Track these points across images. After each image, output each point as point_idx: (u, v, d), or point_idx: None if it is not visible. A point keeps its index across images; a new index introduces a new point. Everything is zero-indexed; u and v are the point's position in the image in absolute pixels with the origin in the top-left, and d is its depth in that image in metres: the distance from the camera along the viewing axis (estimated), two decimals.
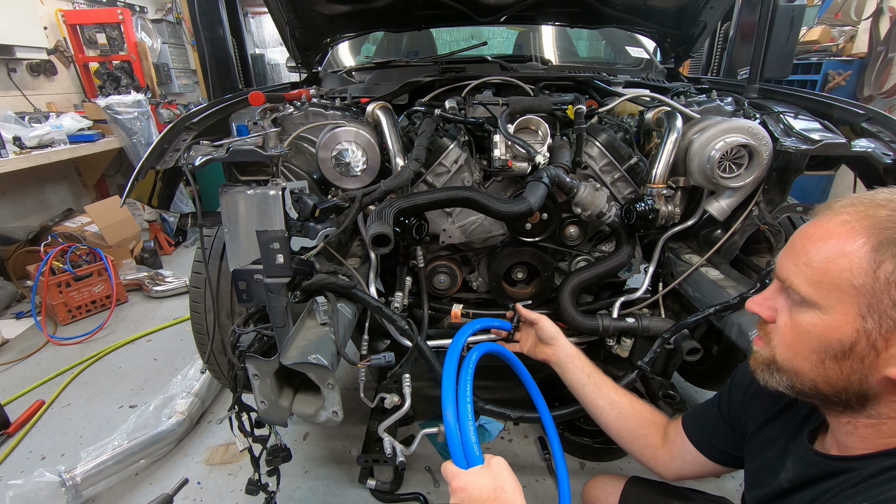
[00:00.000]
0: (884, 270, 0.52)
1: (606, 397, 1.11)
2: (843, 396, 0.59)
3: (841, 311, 0.56)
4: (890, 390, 0.56)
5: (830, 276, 0.56)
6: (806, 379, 0.61)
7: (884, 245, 0.52)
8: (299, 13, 2.01)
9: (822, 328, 0.57)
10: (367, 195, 1.25)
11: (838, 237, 0.56)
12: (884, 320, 0.53)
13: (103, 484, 1.73)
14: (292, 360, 1.06)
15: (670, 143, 1.34)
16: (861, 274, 0.53)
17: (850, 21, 3.93)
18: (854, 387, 0.57)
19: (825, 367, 0.58)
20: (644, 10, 2.08)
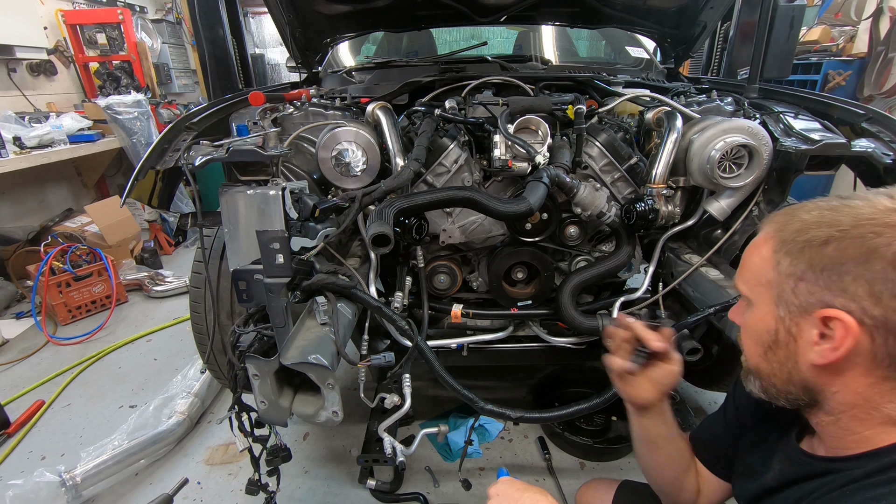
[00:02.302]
0: (782, 266, 0.61)
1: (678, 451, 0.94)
2: (793, 391, 0.64)
3: (763, 304, 0.64)
4: (824, 379, 0.60)
5: (753, 274, 0.65)
6: (763, 376, 0.67)
7: (780, 245, 0.62)
8: (299, 13, 2.01)
9: (756, 321, 0.65)
10: (367, 195, 1.24)
11: (759, 243, 0.65)
12: (790, 306, 0.60)
13: (103, 484, 1.73)
14: (292, 360, 1.06)
15: (670, 143, 1.34)
16: (769, 270, 0.62)
17: (850, 21, 3.93)
18: (795, 378, 0.63)
19: (769, 360, 0.65)
20: (644, 10, 2.08)
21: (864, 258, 0.54)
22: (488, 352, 1.79)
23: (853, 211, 0.57)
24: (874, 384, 0.57)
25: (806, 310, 0.59)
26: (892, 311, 0.54)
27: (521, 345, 1.77)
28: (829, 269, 0.56)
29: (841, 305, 0.56)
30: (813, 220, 0.59)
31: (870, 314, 0.54)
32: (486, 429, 1.97)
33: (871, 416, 0.59)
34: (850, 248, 0.55)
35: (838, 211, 0.58)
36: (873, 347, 0.55)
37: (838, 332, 0.56)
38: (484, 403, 1.35)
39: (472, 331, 1.67)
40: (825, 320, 0.57)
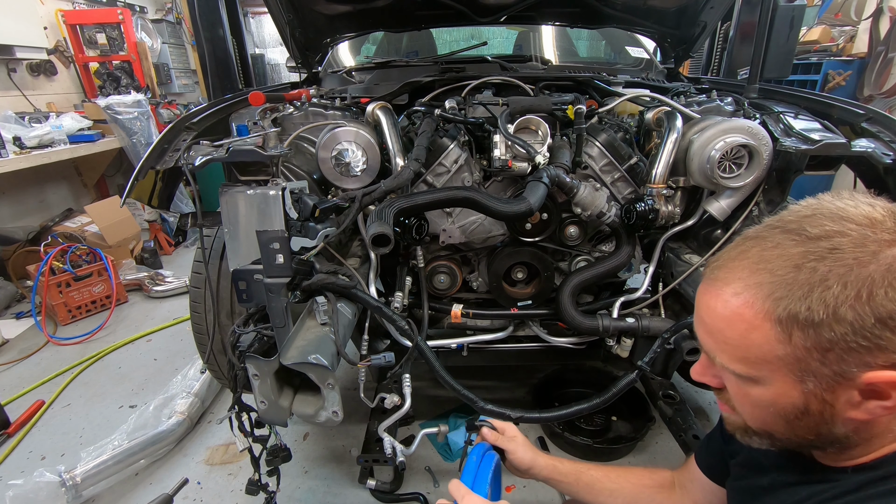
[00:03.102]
0: (796, 339, 0.52)
1: (604, 491, 1.03)
2: (820, 443, 0.59)
3: (780, 381, 0.55)
4: (859, 427, 0.56)
5: (754, 352, 0.55)
6: (782, 437, 0.61)
7: (785, 316, 0.52)
8: (299, 13, 2.01)
9: (772, 398, 0.57)
10: (367, 195, 1.24)
11: (741, 313, 0.55)
12: (820, 379, 0.53)
13: (103, 484, 1.73)
14: (292, 360, 1.06)
15: (670, 143, 1.34)
16: (779, 346, 0.53)
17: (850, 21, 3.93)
18: (826, 436, 0.57)
19: (794, 427, 0.58)
20: (644, 10, 2.08)
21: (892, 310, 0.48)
22: (488, 352, 1.79)
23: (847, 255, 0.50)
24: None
25: (843, 376, 0.52)
26: None
27: (521, 345, 1.77)
28: (864, 332, 0.49)
29: (885, 362, 0.50)
30: (813, 279, 0.51)
31: None
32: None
33: (886, 438, 0.57)
34: (876, 301, 0.48)
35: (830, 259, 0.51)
36: None
37: (892, 392, 0.51)
38: (484, 403, 1.35)
39: (472, 331, 1.67)
40: (870, 384, 0.51)
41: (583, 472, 1.05)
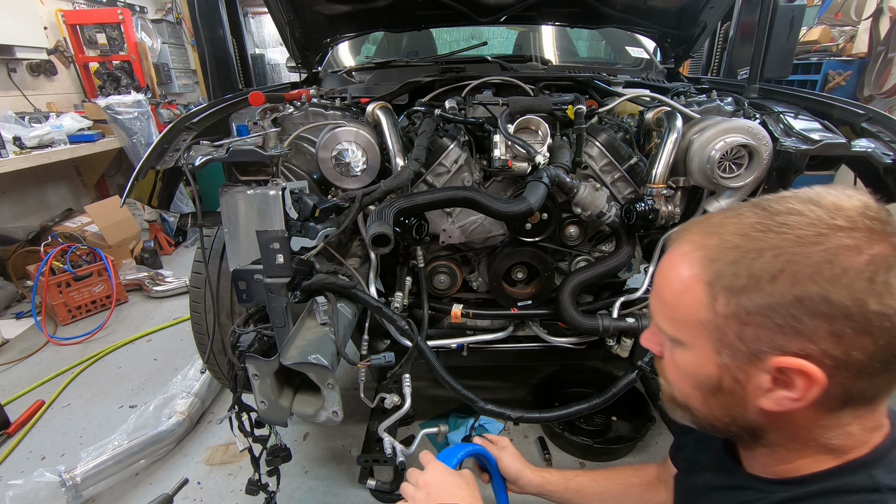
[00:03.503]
0: (720, 305, 0.51)
1: (594, 496, 1.04)
2: (735, 430, 0.58)
3: (700, 347, 0.55)
4: (771, 420, 0.54)
5: (681, 313, 0.55)
6: (700, 415, 0.60)
7: (714, 279, 0.52)
8: (299, 13, 2.01)
9: (692, 365, 0.56)
10: (367, 195, 1.24)
11: (680, 271, 0.55)
12: (736, 354, 0.52)
13: (103, 484, 1.73)
14: (292, 360, 1.06)
15: (670, 143, 1.34)
16: (703, 309, 0.53)
17: (850, 21, 3.93)
18: (739, 421, 0.56)
19: (709, 404, 0.57)
20: (644, 10, 2.08)
21: (822, 293, 0.46)
22: (488, 352, 1.79)
23: (793, 232, 0.49)
24: (821, 418, 0.53)
25: (757, 356, 0.51)
26: (853, 349, 0.47)
27: (521, 345, 1.77)
28: (784, 310, 0.48)
29: (799, 349, 0.48)
30: (749, 246, 0.50)
31: (830, 355, 0.48)
32: (486, 429, 1.97)
33: (808, 447, 0.55)
34: (805, 282, 0.47)
35: (775, 232, 0.49)
36: (830, 386, 0.49)
37: (800, 382, 0.49)
38: (484, 403, 1.35)
39: (472, 331, 1.67)
40: (779, 370, 0.50)
41: (570, 480, 1.06)
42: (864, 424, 0.54)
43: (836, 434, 0.53)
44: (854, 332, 0.46)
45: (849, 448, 0.54)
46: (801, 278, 0.47)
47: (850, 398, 0.51)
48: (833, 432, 0.53)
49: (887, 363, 0.48)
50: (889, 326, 0.46)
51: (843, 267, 0.46)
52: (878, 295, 0.46)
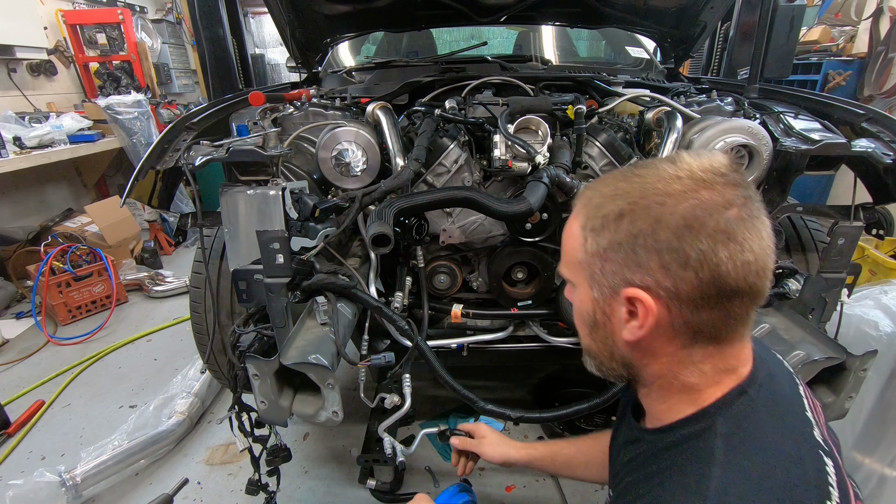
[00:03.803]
0: (588, 245, 0.60)
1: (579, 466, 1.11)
2: (617, 368, 0.65)
3: (581, 285, 0.63)
4: (636, 354, 0.62)
5: (569, 256, 0.64)
6: (593, 355, 0.68)
7: (585, 222, 0.61)
8: (299, 13, 2.01)
9: (578, 303, 0.66)
10: (367, 195, 1.24)
11: (571, 223, 0.64)
12: (602, 288, 0.60)
13: (103, 484, 1.73)
14: (292, 360, 1.06)
15: (670, 143, 1.34)
16: (580, 250, 0.61)
17: (850, 21, 3.93)
18: (616, 355, 0.64)
19: (594, 339, 0.65)
20: (644, 10, 2.08)
21: (651, 229, 0.54)
22: (488, 352, 1.79)
23: (642, 181, 0.57)
24: (675, 353, 0.59)
25: (614, 290, 0.59)
26: (680, 281, 0.54)
27: (521, 345, 1.77)
28: (626, 245, 0.56)
29: (640, 281, 0.56)
30: (609, 193, 0.59)
31: (663, 286, 0.55)
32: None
33: (672, 385, 0.61)
34: (639, 221, 0.55)
35: (629, 181, 0.58)
36: (671, 318, 0.56)
37: (640, 311, 0.56)
38: (484, 403, 1.35)
39: (472, 331, 1.67)
40: (629, 300, 0.57)
41: (557, 454, 1.14)
42: (715, 364, 0.59)
43: (692, 372, 0.60)
44: (677, 264, 0.54)
45: (703, 389, 0.60)
46: (637, 217, 0.55)
47: (695, 332, 0.57)
48: (688, 369, 0.60)
49: (715, 297, 0.54)
50: (706, 262, 0.53)
51: (669, 208, 0.54)
52: (695, 234, 0.53)
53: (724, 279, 0.53)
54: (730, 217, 0.53)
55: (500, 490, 1.74)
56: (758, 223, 0.54)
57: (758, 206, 0.55)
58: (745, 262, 0.53)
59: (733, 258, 0.52)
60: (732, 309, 0.55)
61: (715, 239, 0.52)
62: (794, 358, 1.08)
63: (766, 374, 0.62)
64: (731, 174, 0.55)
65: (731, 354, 0.60)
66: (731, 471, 0.53)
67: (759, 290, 0.55)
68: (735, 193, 0.54)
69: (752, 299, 0.56)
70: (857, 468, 1.52)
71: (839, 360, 1.09)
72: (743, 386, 0.59)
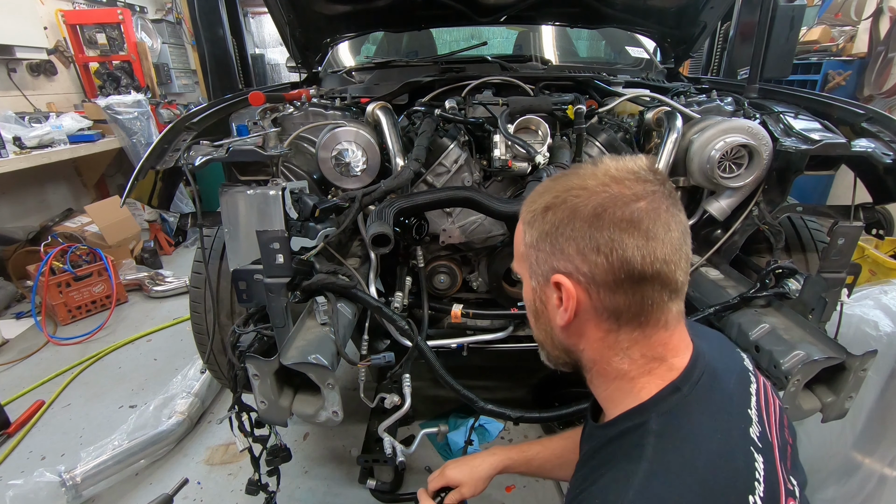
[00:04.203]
0: (527, 237, 0.65)
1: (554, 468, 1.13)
2: (560, 355, 0.69)
3: (524, 277, 0.68)
4: (572, 340, 0.66)
5: (516, 251, 0.70)
6: (541, 344, 0.71)
7: (525, 217, 0.66)
8: (299, 13, 2.01)
9: (525, 294, 0.70)
10: (367, 195, 1.24)
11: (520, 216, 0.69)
12: (537, 277, 0.65)
13: (103, 484, 1.73)
14: (292, 360, 1.06)
15: (670, 142, 1.34)
16: (521, 243, 0.67)
17: (850, 21, 3.92)
18: (556, 342, 0.68)
19: (539, 329, 0.70)
20: (644, 10, 2.08)
21: (568, 219, 0.59)
22: (488, 352, 1.79)
23: (566, 179, 0.62)
24: (604, 337, 0.63)
25: (546, 278, 0.63)
26: (594, 266, 0.58)
27: (521, 345, 1.76)
28: (551, 235, 0.61)
29: (563, 268, 0.61)
30: (541, 191, 0.65)
31: (581, 271, 0.59)
32: (486, 429, 1.97)
33: (608, 372, 0.64)
34: (559, 212, 0.60)
35: (557, 181, 0.64)
36: (592, 302, 0.60)
37: (564, 295, 0.61)
38: (484, 403, 1.34)
39: (472, 331, 1.67)
40: (556, 285, 0.61)
41: (532, 459, 1.16)
42: (642, 352, 0.62)
43: (622, 358, 0.63)
44: (591, 250, 0.58)
45: (636, 378, 0.63)
46: (558, 210, 0.61)
47: (617, 316, 0.60)
48: (618, 356, 0.63)
49: (628, 281, 0.58)
50: (614, 248, 0.57)
51: (583, 201, 0.59)
52: (600, 222, 0.58)
53: (630, 263, 0.57)
54: (636, 208, 0.57)
55: (500, 490, 1.74)
56: (665, 215, 0.58)
57: (668, 202, 0.59)
58: (651, 249, 0.57)
59: (638, 245, 0.57)
60: (646, 294, 0.59)
61: (620, 227, 0.57)
62: (793, 358, 1.08)
63: (704, 370, 0.64)
64: (643, 172, 0.60)
65: (658, 342, 0.62)
66: (656, 464, 0.56)
67: (668, 277, 0.59)
68: (643, 188, 0.58)
69: (664, 285, 0.59)
70: (857, 468, 1.52)
71: (839, 360, 1.09)
72: (676, 383, 0.62)
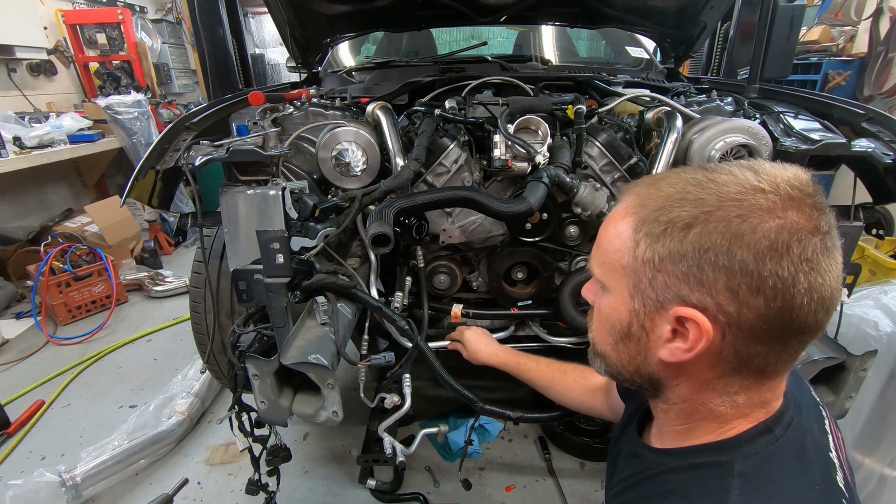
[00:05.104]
0: (640, 250, 0.53)
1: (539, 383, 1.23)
2: (639, 381, 0.60)
3: (618, 292, 0.56)
4: (669, 374, 0.56)
5: (610, 257, 0.57)
6: (611, 363, 0.62)
7: (640, 224, 0.53)
8: (299, 13, 2.01)
9: (610, 309, 0.58)
10: (367, 195, 1.24)
11: (616, 220, 0.57)
12: (646, 300, 0.53)
13: (103, 484, 1.73)
14: (292, 360, 1.06)
15: (670, 142, 1.34)
16: (626, 253, 0.54)
17: (850, 21, 3.92)
18: (642, 371, 0.58)
19: (618, 350, 0.59)
20: (644, 10, 2.08)
21: (726, 246, 0.48)
22: None
23: (718, 188, 0.50)
24: (712, 380, 0.54)
25: (662, 305, 0.52)
26: (746, 308, 0.48)
27: (521, 345, 1.76)
28: (690, 258, 0.49)
29: (697, 301, 0.50)
30: (677, 196, 0.52)
31: (724, 310, 0.49)
32: (486, 429, 1.97)
33: (698, 411, 0.57)
34: (714, 234, 0.48)
35: (703, 187, 0.51)
36: (722, 345, 0.51)
37: (692, 333, 0.51)
38: (484, 403, 1.35)
39: None
40: (679, 318, 0.51)
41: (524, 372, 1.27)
42: (750, 397, 0.54)
43: (724, 401, 0.55)
44: (748, 289, 0.48)
45: (730, 421, 0.55)
46: (711, 230, 0.48)
47: (742, 364, 0.52)
48: (721, 398, 0.55)
49: (779, 331, 0.49)
50: (782, 289, 0.47)
51: (751, 225, 0.47)
52: (777, 257, 0.47)
53: (795, 312, 0.48)
54: (816, 245, 0.47)
55: (500, 490, 1.74)
56: (837, 254, 0.48)
57: (837, 236, 0.49)
58: (821, 297, 0.48)
59: (811, 291, 0.47)
60: (791, 346, 0.50)
61: (798, 268, 0.46)
62: None
63: (794, 410, 0.57)
64: (818, 196, 0.49)
65: (769, 388, 0.55)
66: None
67: (823, 327, 0.50)
68: (822, 219, 0.48)
69: (814, 336, 0.51)
70: (857, 468, 1.52)
71: (839, 360, 1.09)
72: (768, 423, 0.55)
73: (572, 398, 1.16)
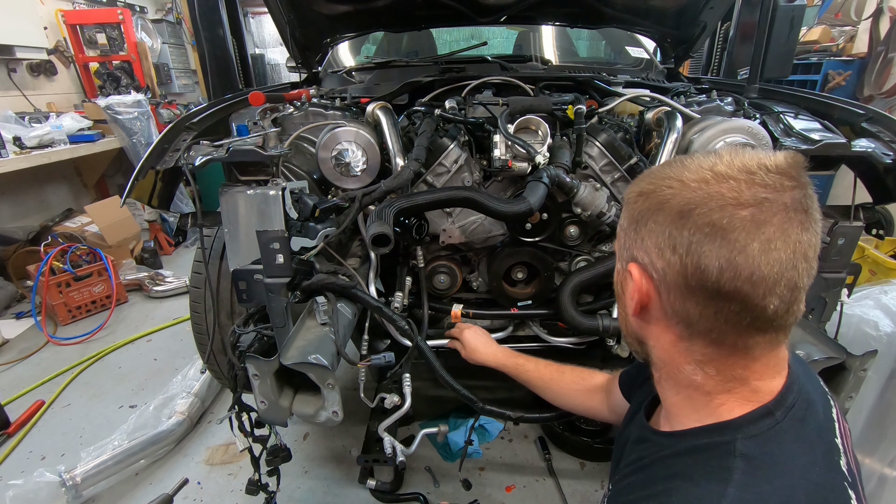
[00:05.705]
0: (622, 220, 0.63)
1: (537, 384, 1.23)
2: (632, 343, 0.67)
3: (618, 259, 0.66)
4: (644, 332, 0.63)
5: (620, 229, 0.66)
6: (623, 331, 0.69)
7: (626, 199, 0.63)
8: (299, 13, 2.01)
9: (616, 277, 0.67)
10: (367, 195, 1.24)
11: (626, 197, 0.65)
12: (622, 260, 0.64)
13: (103, 484, 1.73)
14: (292, 360, 1.06)
15: (670, 143, 1.34)
16: (623, 220, 0.63)
17: (850, 21, 3.92)
18: (630, 329, 0.66)
19: (619, 311, 0.68)
20: (644, 11, 2.08)
21: (654, 210, 0.56)
22: None
23: (670, 168, 0.57)
24: (675, 342, 0.59)
25: (625, 263, 0.62)
26: (667, 265, 0.55)
27: (521, 345, 1.76)
28: (637, 222, 0.59)
29: (640, 259, 0.59)
30: (644, 176, 0.61)
31: (655, 267, 0.57)
32: (486, 429, 1.97)
33: (678, 378, 0.61)
34: (648, 201, 0.57)
35: (664, 167, 0.59)
36: (662, 303, 0.58)
37: (633, 283, 0.59)
38: (484, 403, 1.35)
39: None
40: (630, 273, 0.60)
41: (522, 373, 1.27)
42: (720, 369, 0.57)
43: (695, 370, 0.59)
44: (668, 248, 0.55)
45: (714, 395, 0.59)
46: (649, 198, 0.57)
47: (688, 325, 0.57)
48: (690, 365, 0.59)
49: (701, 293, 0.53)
50: (691, 252, 0.53)
51: (675, 194, 0.54)
52: (686, 221, 0.53)
53: (705, 273, 0.52)
54: (732, 215, 0.50)
55: (500, 490, 1.74)
56: (772, 230, 0.50)
57: (785, 216, 0.50)
58: (735, 264, 0.50)
59: (720, 256, 0.51)
60: (720, 311, 0.53)
61: (703, 232, 0.51)
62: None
63: (799, 396, 0.58)
64: (766, 175, 0.51)
65: (737, 364, 0.57)
66: (749, 492, 0.51)
67: (751, 301, 0.51)
68: (752, 193, 0.50)
69: (744, 309, 0.52)
70: None
71: (839, 360, 1.09)
72: (769, 406, 0.56)
73: (571, 399, 1.17)
